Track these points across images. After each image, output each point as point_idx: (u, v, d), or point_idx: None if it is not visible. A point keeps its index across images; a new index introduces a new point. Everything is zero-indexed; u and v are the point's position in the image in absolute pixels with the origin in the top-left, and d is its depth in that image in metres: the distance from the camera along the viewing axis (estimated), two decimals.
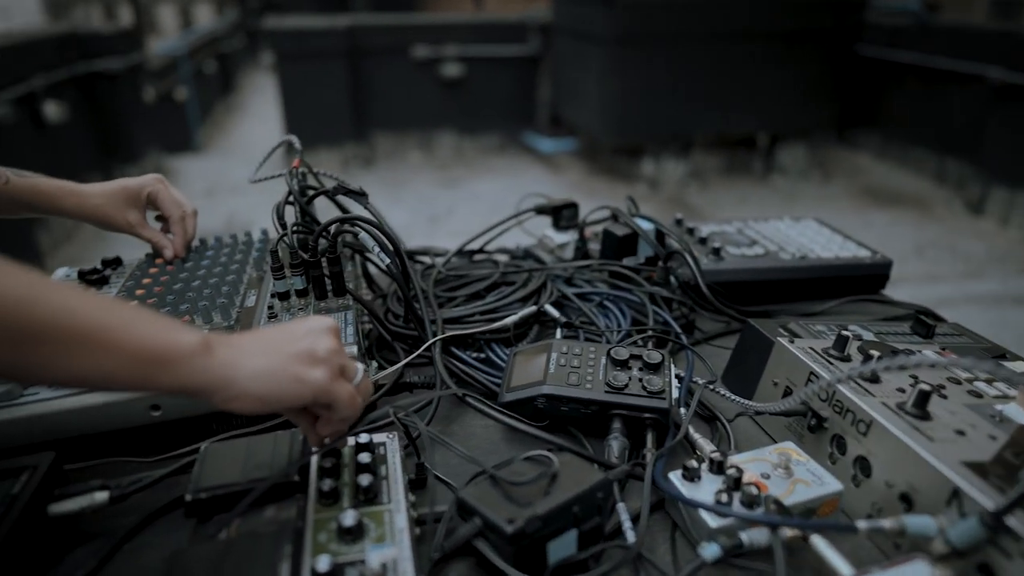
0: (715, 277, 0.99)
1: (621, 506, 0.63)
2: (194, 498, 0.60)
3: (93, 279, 0.93)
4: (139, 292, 0.86)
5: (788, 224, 1.24)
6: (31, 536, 0.59)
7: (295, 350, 0.57)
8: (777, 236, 1.16)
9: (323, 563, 0.51)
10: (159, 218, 1.01)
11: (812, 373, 0.73)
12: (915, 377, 0.71)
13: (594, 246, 1.12)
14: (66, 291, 0.51)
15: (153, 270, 0.94)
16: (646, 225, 1.02)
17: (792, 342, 0.78)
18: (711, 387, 0.80)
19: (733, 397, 0.76)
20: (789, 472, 0.64)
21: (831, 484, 0.63)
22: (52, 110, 3.86)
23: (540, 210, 1.15)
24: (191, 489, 0.61)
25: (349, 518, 0.56)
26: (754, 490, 0.59)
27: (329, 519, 0.57)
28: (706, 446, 0.70)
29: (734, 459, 0.66)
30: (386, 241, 0.81)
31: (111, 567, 0.61)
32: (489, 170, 5.66)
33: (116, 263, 0.98)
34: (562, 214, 1.14)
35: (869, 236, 4.00)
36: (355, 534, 0.56)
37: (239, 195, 4.85)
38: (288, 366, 0.56)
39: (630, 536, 0.60)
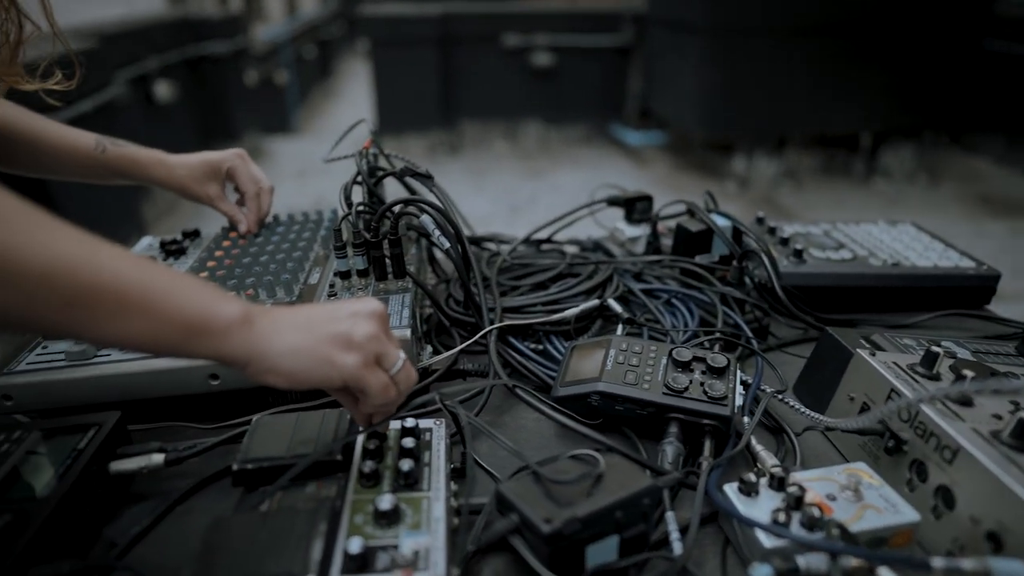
0: (794, 280, 0.93)
1: (670, 515, 0.59)
2: (240, 468, 0.61)
3: (172, 249, 0.96)
4: (210, 264, 0.89)
5: (882, 228, 1.15)
6: (92, 490, 0.62)
7: (332, 331, 0.56)
8: (868, 240, 1.08)
9: (355, 545, 0.51)
10: (237, 191, 1.04)
11: (893, 390, 0.66)
12: (1016, 404, 0.64)
13: (667, 241, 1.07)
14: (115, 255, 0.51)
15: (226, 243, 0.97)
16: (722, 222, 0.96)
17: (873, 355, 0.72)
18: (779, 397, 0.74)
19: (803, 409, 0.71)
20: (859, 496, 0.59)
21: (906, 513, 0.57)
22: (162, 90, 4.10)
23: (612, 201, 1.11)
24: (238, 459, 0.62)
25: (386, 502, 0.55)
26: (816, 512, 0.55)
27: (367, 501, 0.57)
28: (768, 459, 0.66)
29: (798, 476, 0.61)
30: (447, 225, 0.80)
31: (162, 527, 0.63)
32: (574, 161, 5.60)
33: (195, 235, 1.02)
34: (635, 207, 1.10)
35: (981, 247, 3.70)
36: (391, 519, 0.55)
37: (329, 177, 5.01)
38: (321, 347, 0.55)
39: (677, 548, 0.56)
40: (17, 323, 0.49)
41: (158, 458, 0.65)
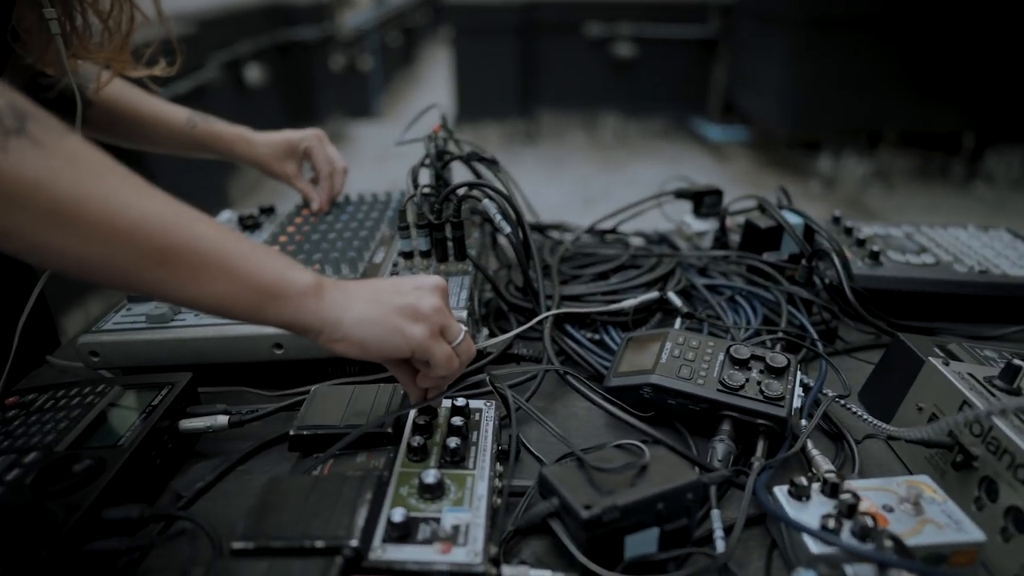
0: (869, 283, 0.89)
1: (715, 512, 0.58)
2: (296, 434, 0.64)
3: (248, 223, 1.01)
4: (282, 239, 0.93)
5: (972, 233, 1.08)
6: (163, 444, 0.66)
7: (400, 303, 0.58)
8: (955, 245, 1.02)
9: (398, 514, 0.52)
10: (313, 170, 1.09)
11: (965, 401, 0.63)
12: None
13: (736, 237, 1.05)
14: (199, 219, 0.53)
15: (298, 220, 1.01)
16: (794, 219, 0.93)
17: (947, 364, 0.68)
18: (841, 402, 0.72)
19: (865, 416, 0.68)
20: (919, 509, 0.56)
21: (971, 532, 0.54)
22: (253, 74, 4.28)
23: (680, 194, 1.09)
24: (295, 425, 0.65)
25: (431, 476, 0.56)
26: (870, 521, 0.52)
27: (414, 474, 0.58)
28: (823, 464, 0.63)
29: (853, 484, 0.59)
30: (509, 209, 0.80)
31: (223, 483, 0.66)
32: (652, 155, 5.51)
33: (270, 211, 1.07)
34: (704, 200, 1.07)
35: None
36: (435, 493, 0.56)
37: (406, 161, 5.10)
38: (391, 317, 0.57)
39: (719, 545, 0.55)
40: (102, 276, 0.51)
41: (223, 419, 0.68)
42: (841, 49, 4.35)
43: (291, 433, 0.64)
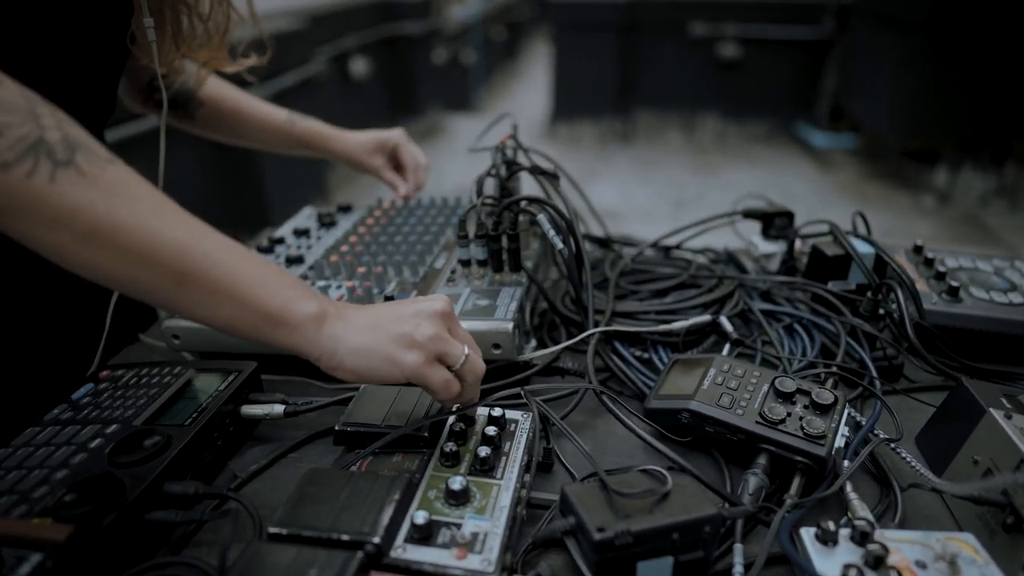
0: (941, 320, 0.84)
1: (737, 547, 0.58)
2: (341, 429, 0.68)
3: (325, 221, 1.07)
4: (352, 239, 0.98)
5: None
6: (224, 427, 0.72)
7: (395, 332, 0.60)
8: None
9: (420, 517, 0.55)
10: (398, 165, 1.21)
11: (1023, 460, 0.59)
12: None
13: (805, 261, 1.01)
14: (217, 246, 0.58)
15: (369, 220, 1.06)
16: (864, 248, 0.89)
17: (1009, 417, 0.64)
18: (892, 446, 0.69)
19: (913, 463, 0.65)
20: (954, 569, 0.54)
21: None
22: (358, 67, 4.45)
23: (749, 214, 1.06)
24: (341, 421, 0.69)
25: (457, 483, 0.59)
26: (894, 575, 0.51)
27: (443, 479, 0.61)
28: (859, 509, 0.61)
29: (887, 534, 0.57)
30: (563, 225, 0.81)
31: (275, 468, 0.72)
32: (750, 160, 5.33)
33: (347, 209, 1.14)
34: (773, 222, 1.04)
35: None
36: (459, 499, 0.59)
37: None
38: (384, 347, 0.60)
39: None
40: (130, 291, 0.57)
41: (279, 409, 0.73)
42: (968, 55, 4.05)
43: (336, 428, 0.68)
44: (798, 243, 1.01)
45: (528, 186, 0.99)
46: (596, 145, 5.72)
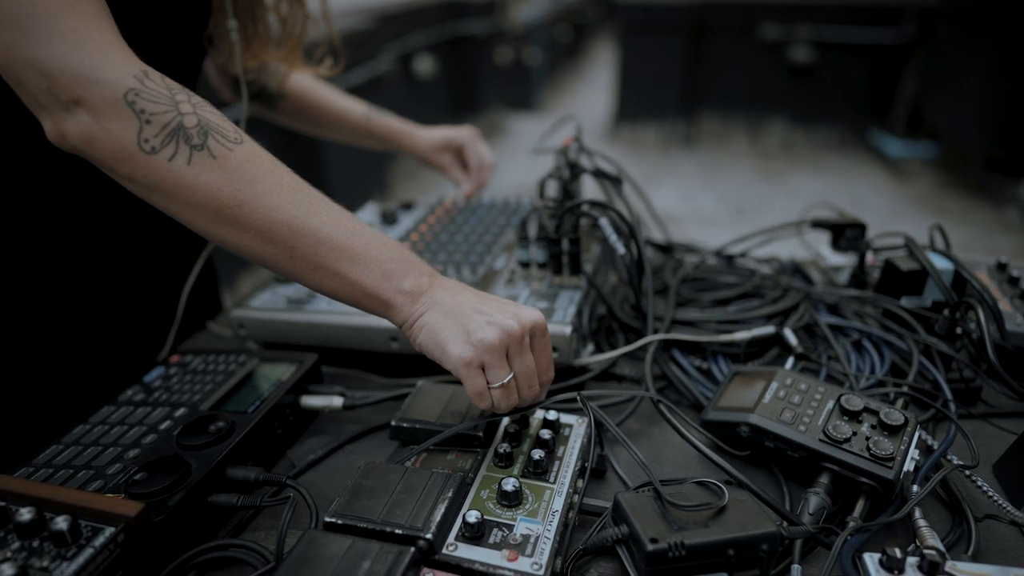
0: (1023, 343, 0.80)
1: (796, 568, 0.56)
2: (397, 424, 0.69)
3: (388, 217, 1.09)
4: (414, 236, 1.00)
5: None
6: (284, 417, 0.74)
7: (461, 325, 0.62)
8: None
9: (473, 516, 0.55)
10: (464, 163, 1.23)
11: None
12: None
13: (877, 275, 0.97)
14: (329, 222, 0.62)
15: (431, 219, 1.07)
16: (942, 264, 0.85)
17: None
18: (967, 473, 0.66)
19: (991, 492, 0.62)
20: None
21: None
22: (423, 66, 4.51)
23: (818, 224, 1.03)
24: (397, 416, 0.70)
25: (510, 485, 0.59)
26: None
27: (496, 480, 0.61)
28: (929, 537, 0.59)
29: (959, 566, 0.54)
30: (625, 230, 0.80)
31: (331, 459, 0.73)
32: (818, 167, 5.16)
33: (409, 206, 1.16)
34: (844, 233, 1.00)
35: None
36: (512, 501, 0.59)
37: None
38: (445, 333, 0.62)
39: None
40: (253, 260, 0.63)
41: (338, 401, 0.75)
42: None
43: (392, 423, 0.69)
44: (870, 256, 0.97)
45: (590, 189, 0.98)
46: (658, 148, 5.65)
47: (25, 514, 0.52)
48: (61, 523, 0.51)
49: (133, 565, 0.55)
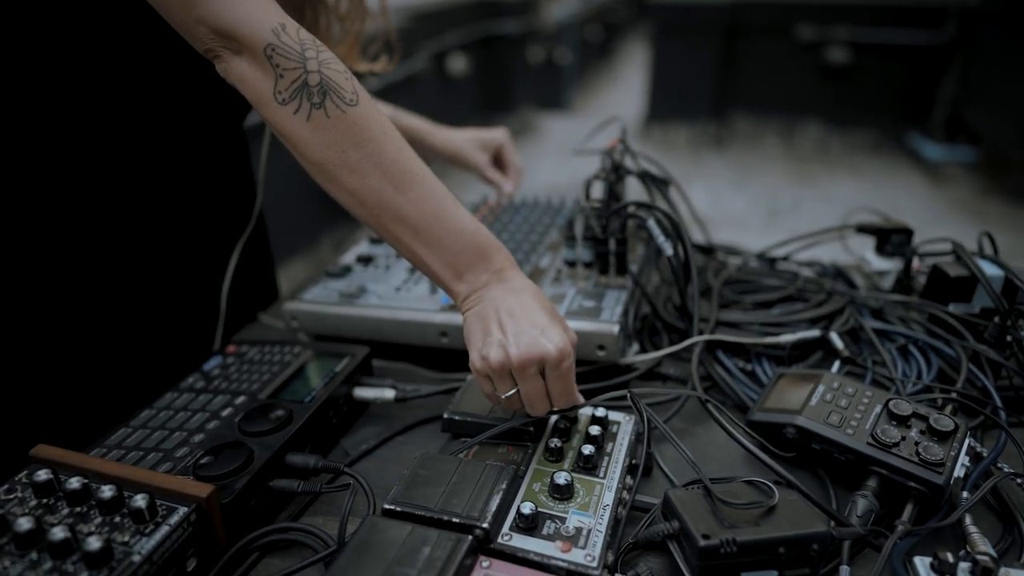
0: None
1: (844, 569, 0.57)
2: (449, 417, 0.71)
3: None
4: None
5: None
6: (339, 407, 0.77)
7: (487, 332, 0.66)
8: None
9: (527, 507, 0.57)
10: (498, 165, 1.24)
11: None
12: None
13: (923, 281, 0.97)
14: (413, 198, 0.67)
15: (476, 216, 1.09)
16: (993, 271, 0.85)
17: None
18: (1019, 480, 0.66)
19: None
20: None
21: None
22: (456, 65, 4.54)
23: (863, 228, 1.03)
24: (449, 409, 0.72)
25: (562, 478, 0.60)
26: None
27: (547, 474, 0.63)
28: (980, 544, 0.59)
29: (1012, 573, 0.54)
30: (673, 232, 0.82)
31: (383, 449, 0.75)
32: (853, 170, 5.09)
33: None
34: (890, 238, 1.00)
35: None
36: (564, 494, 0.60)
37: (587, 160, 5.15)
38: (479, 331, 0.66)
39: None
40: (354, 215, 0.69)
41: (389, 393, 0.77)
42: None
43: (444, 416, 0.71)
44: (915, 262, 0.97)
45: (633, 190, 0.99)
46: (689, 149, 5.61)
47: (107, 491, 0.55)
48: (140, 501, 0.54)
49: (202, 544, 0.57)
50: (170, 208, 0.89)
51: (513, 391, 0.65)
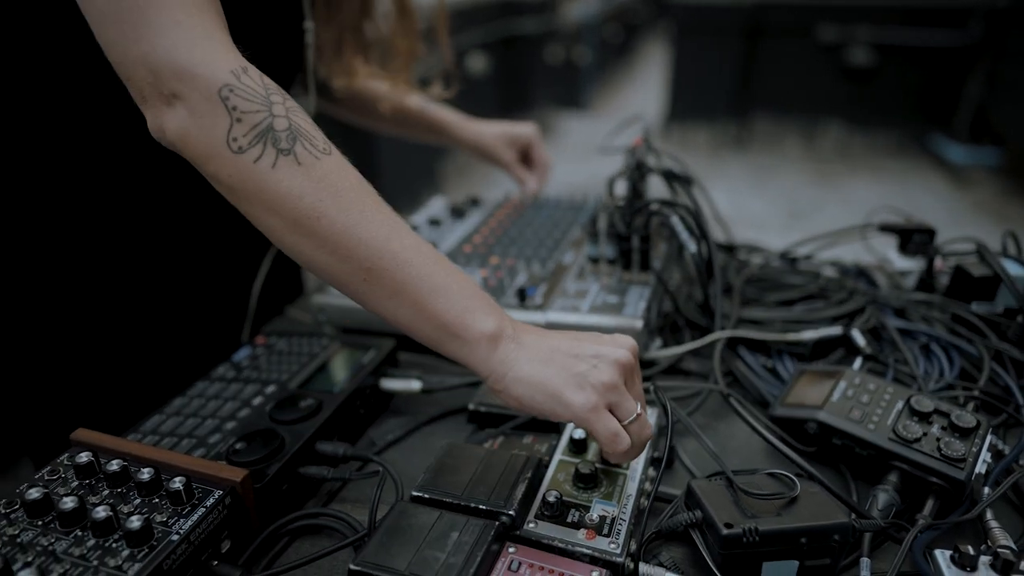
0: None
1: (864, 561, 0.58)
2: (475, 408, 0.73)
3: (457, 211, 1.13)
4: (484, 231, 1.03)
5: None
6: (366, 398, 0.78)
7: (569, 370, 0.56)
8: None
9: (552, 496, 0.58)
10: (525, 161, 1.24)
11: None
12: None
13: (945, 281, 0.97)
14: (407, 247, 0.58)
15: (499, 214, 1.10)
16: (1016, 270, 0.85)
17: None
18: None
19: None
20: None
21: None
22: (476, 64, 4.56)
23: (886, 227, 1.03)
24: (474, 401, 0.73)
25: (586, 467, 0.62)
26: None
27: (572, 464, 0.64)
28: (1001, 538, 0.59)
29: None
30: (696, 229, 0.82)
31: (410, 439, 0.77)
32: (874, 172, 5.05)
33: (475, 202, 1.19)
34: (912, 238, 1.00)
35: None
36: (588, 483, 0.62)
37: (605, 160, 5.15)
38: (554, 383, 0.56)
39: None
40: (324, 278, 0.61)
41: (416, 385, 0.79)
42: None
43: (470, 407, 0.73)
44: (938, 261, 0.97)
45: (656, 188, 1.00)
46: (709, 149, 5.59)
47: (146, 474, 0.57)
48: (177, 483, 0.56)
49: (236, 527, 0.59)
50: (204, 209, 0.92)
51: (639, 407, 0.58)
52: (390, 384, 0.80)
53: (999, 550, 0.55)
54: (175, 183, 0.87)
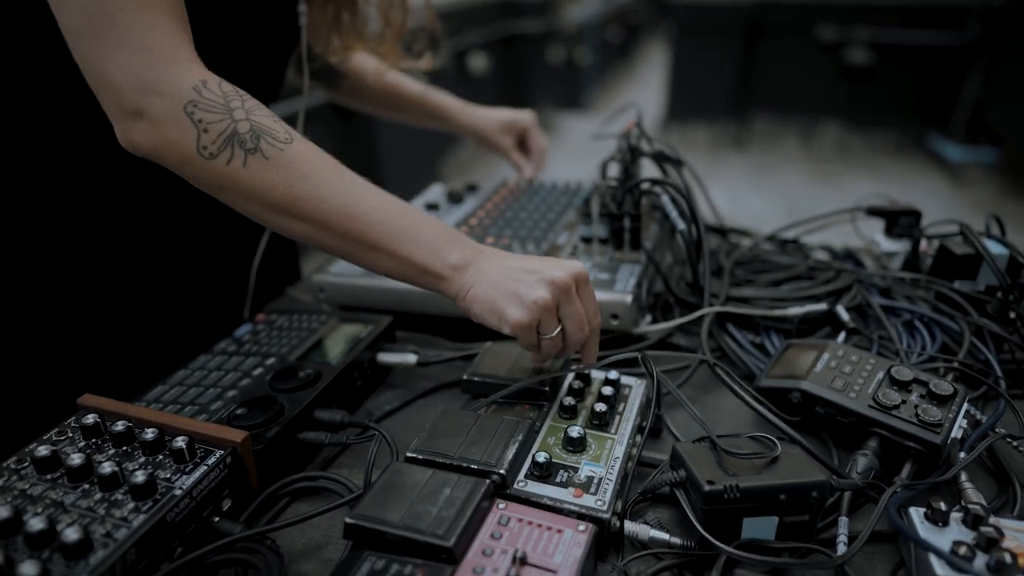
0: None
1: (843, 520, 0.60)
2: (469, 379, 0.75)
3: (454, 197, 1.15)
4: (480, 214, 1.05)
5: None
6: (363, 370, 0.81)
7: (511, 289, 0.66)
8: None
9: (541, 456, 0.60)
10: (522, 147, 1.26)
11: None
12: None
13: (930, 262, 0.99)
14: (377, 208, 0.67)
15: (496, 198, 1.13)
16: (997, 249, 0.87)
17: None
18: (1014, 444, 0.68)
19: None
20: None
21: None
22: (477, 63, 4.58)
23: (873, 211, 1.05)
24: (468, 372, 0.75)
25: (576, 431, 0.64)
26: (1008, 557, 0.51)
27: (561, 429, 0.66)
28: (973, 496, 0.61)
29: (1003, 522, 0.57)
30: (685, 207, 0.85)
31: (406, 411, 0.79)
32: (873, 171, 5.07)
33: (474, 188, 1.21)
34: (899, 220, 1.02)
35: None
36: (576, 446, 0.64)
37: (603, 155, 5.17)
38: (498, 300, 0.66)
39: (840, 548, 0.57)
40: (312, 245, 0.69)
41: (412, 358, 0.81)
42: None
43: (464, 377, 0.75)
44: (923, 243, 0.99)
45: (648, 172, 1.02)
46: (709, 149, 5.62)
47: (150, 433, 0.59)
48: (180, 442, 0.58)
49: (237, 488, 0.61)
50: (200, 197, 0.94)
51: (558, 329, 0.67)
52: (387, 358, 0.82)
53: (970, 506, 0.57)
54: (166, 180, 0.89)
